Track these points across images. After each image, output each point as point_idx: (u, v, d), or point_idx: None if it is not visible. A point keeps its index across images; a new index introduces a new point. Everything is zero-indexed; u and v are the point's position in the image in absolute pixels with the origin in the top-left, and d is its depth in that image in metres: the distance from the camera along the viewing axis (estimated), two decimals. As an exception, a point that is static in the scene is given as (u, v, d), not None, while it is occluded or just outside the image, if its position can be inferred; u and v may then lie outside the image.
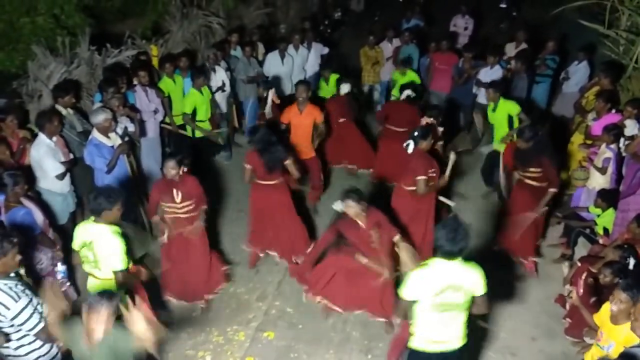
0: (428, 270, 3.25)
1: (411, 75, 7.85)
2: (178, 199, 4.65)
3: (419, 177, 4.99)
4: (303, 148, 6.15)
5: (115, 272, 3.74)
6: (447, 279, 3.18)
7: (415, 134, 5.11)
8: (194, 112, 6.71)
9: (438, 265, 3.22)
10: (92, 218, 3.76)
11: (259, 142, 5.10)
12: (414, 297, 3.26)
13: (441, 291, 3.18)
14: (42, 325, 3.26)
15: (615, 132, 5.41)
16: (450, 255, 3.17)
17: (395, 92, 7.65)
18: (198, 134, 6.91)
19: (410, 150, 5.14)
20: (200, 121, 6.81)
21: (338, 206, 4.46)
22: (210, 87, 7.00)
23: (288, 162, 5.17)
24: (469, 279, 3.23)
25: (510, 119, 6.30)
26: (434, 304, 3.21)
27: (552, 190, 5.13)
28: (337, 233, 4.57)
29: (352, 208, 4.31)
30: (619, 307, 3.43)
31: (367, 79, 9.05)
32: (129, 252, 3.81)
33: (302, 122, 6.12)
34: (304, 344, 4.66)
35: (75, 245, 3.86)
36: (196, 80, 6.61)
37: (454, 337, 3.37)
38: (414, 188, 5.11)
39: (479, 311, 3.39)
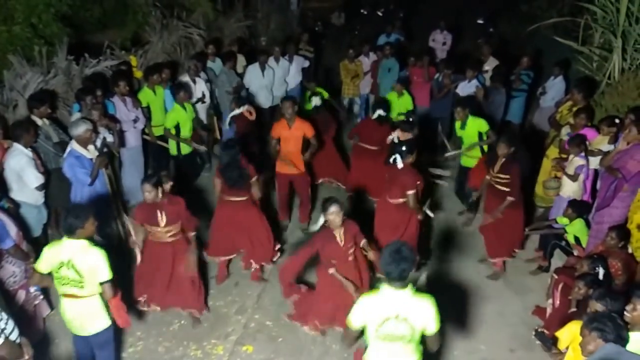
0: (375, 298, 3.11)
1: (407, 99, 7.73)
2: (163, 222, 4.46)
3: (410, 192, 5.04)
4: (293, 163, 6.07)
5: (102, 284, 3.67)
6: (392, 309, 3.04)
7: (403, 148, 5.14)
8: (178, 129, 6.63)
9: (386, 294, 3.07)
10: (65, 237, 3.66)
11: (223, 158, 5.06)
12: (360, 324, 3.14)
13: (384, 321, 3.05)
14: (1, 340, 3.15)
15: (578, 141, 5.54)
16: (393, 279, 3.02)
17: (393, 115, 7.51)
18: (184, 150, 6.83)
19: (399, 165, 5.13)
20: (184, 138, 6.75)
21: (318, 224, 4.41)
22: (193, 106, 6.97)
23: (253, 181, 5.12)
24: (417, 312, 3.06)
25: (480, 135, 6.38)
26: (377, 334, 3.10)
27: (510, 198, 5.30)
28: (315, 248, 4.46)
29: (334, 215, 4.19)
30: None
31: (347, 92, 9.13)
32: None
33: (292, 135, 6.03)
34: (284, 358, 4.62)
35: (43, 267, 3.69)
36: (177, 96, 6.54)
37: None
38: (400, 201, 5.16)
39: (430, 348, 3.25)
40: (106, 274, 3.66)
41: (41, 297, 4.64)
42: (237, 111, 6.70)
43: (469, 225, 6.61)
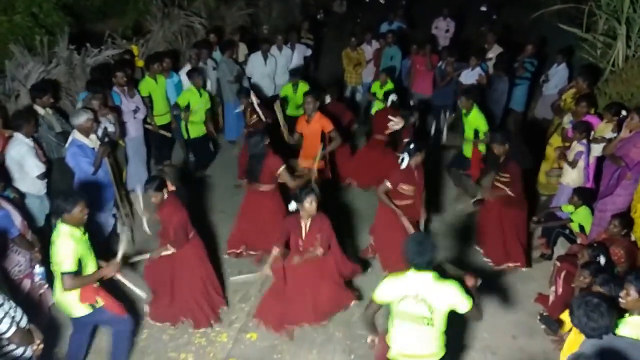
0: (400, 278, 3.28)
1: (390, 87, 7.60)
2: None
3: (385, 181, 4.98)
4: (311, 158, 6.00)
5: (61, 274, 3.67)
6: (412, 289, 3.20)
7: (411, 146, 4.94)
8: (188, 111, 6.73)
9: (410, 275, 3.23)
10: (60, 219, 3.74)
11: (250, 149, 5.13)
12: (383, 300, 3.31)
13: (402, 298, 3.21)
14: (13, 329, 3.20)
15: (583, 128, 5.53)
16: (418, 266, 3.18)
17: (378, 105, 7.47)
18: (193, 134, 6.91)
19: (404, 165, 4.95)
20: (194, 122, 6.81)
21: (292, 206, 4.45)
22: (207, 91, 7.03)
23: (280, 171, 5.13)
24: (438, 295, 3.18)
25: (476, 133, 6.28)
26: (398, 311, 3.25)
27: (508, 192, 5.26)
28: (284, 232, 4.54)
29: (311, 203, 4.24)
30: None
31: (350, 81, 9.09)
32: (88, 263, 3.80)
33: (310, 130, 5.99)
34: (287, 345, 4.65)
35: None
36: (192, 80, 6.67)
37: (423, 354, 3.32)
38: (396, 201, 5.11)
39: (474, 319, 3.47)
40: (65, 265, 3.64)
41: (46, 286, 4.66)
42: (254, 101, 6.63)
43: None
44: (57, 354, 4.46)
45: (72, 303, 3.85)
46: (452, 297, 3.20)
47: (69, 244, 3.65)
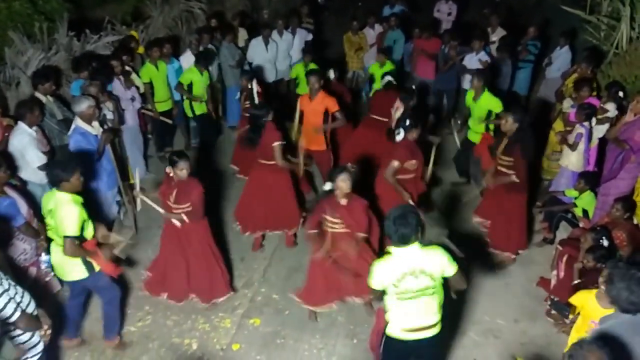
0: (388, 260, 3.24)
1: (389, 67, 7.52)
2: (172, 199, 4.53)
3: (392, 161, 4.98)
4: (314, 139, 5.96)
5: (64, 238, 3.75)
6: (405, 266, 3.16)
7: (407, 122, 5.05)
8: (190, 89, 6.87)
9: (396, 253, 3.20)
10: (54, 188, 3.81)
11: (251, 116, 5.19)
12: (380, 286, 3.27)
13: (400, 279, 3.16)
14: (18, 314, 3.22)
15: (588, 111, 5.50)
16: (394, 242, 3.14)
17: (377, 86, 7.42)
18: (197, 111, 7.01)
19: (399, 138, 5.09)
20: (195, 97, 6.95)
21: (328, 186, 4.39)
22: (210, 73, 7.12)
23: (275, 145, 5.12)
24: (431, 262, 3.19)
25: (489, 114, 6.14)
26: (397, 292, 3.20)
27: (514, 178, 5.03)
28: (321, 213, 4.40)
29: (343, 182, 4.19)
30: None
31: (351, 65, 9.03)
32: (89, 226, 3.87)
33: (313, 109, 5.93)
34: (290, 330, 4.69)
35: (44, 212, 3.94)
36: (199, 67, 6.85)
37: (427, 325, 3.32)
38: (399, 176, 5.11)
39: (458, 287, 3.41)
40: (68, 229, 3.72)
41: (52, 273, 4.69)
42: (254, 88, 6.61)
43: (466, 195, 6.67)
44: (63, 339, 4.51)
45: (70, 265, 3.93)
46: (440, 260, 3.21)
47: (74, 210, 3.74)
